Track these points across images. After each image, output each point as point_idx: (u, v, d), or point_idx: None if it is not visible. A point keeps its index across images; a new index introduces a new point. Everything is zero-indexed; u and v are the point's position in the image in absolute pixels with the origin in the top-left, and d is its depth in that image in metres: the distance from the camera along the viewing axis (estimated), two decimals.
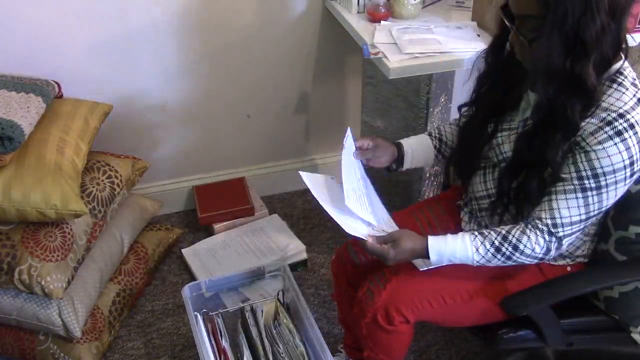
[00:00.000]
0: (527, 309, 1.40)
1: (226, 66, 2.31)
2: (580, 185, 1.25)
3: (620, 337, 1.48)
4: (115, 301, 2.00)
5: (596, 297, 1.50)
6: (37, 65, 2.08)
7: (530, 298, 1.40)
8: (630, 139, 1.20)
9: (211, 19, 2.20)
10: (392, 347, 1.49)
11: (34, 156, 1.77)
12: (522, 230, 1.31)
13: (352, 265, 1.65)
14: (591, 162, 1.22)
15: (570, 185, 1.25)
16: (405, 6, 2.01)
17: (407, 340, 1.52)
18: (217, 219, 2.40)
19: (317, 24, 2.32)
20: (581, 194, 1.25)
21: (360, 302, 1.49)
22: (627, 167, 1.22)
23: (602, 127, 1.20)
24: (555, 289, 1.40)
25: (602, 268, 1.48)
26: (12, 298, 1.80)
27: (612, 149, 1.20)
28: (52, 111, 1.93)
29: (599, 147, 1.21)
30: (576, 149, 1.24)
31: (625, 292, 1.43)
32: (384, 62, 1.79)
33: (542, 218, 1.29)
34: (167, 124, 2.39)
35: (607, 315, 1.48)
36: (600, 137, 1.20)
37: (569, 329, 1.48)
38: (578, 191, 1.25)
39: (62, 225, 1.81)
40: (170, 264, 2.33)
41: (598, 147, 1.21)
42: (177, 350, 2.01)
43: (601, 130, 1.20)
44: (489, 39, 1.89)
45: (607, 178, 1.22)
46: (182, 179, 2.55)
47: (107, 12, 2.08)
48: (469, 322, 1.52)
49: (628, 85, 1.23)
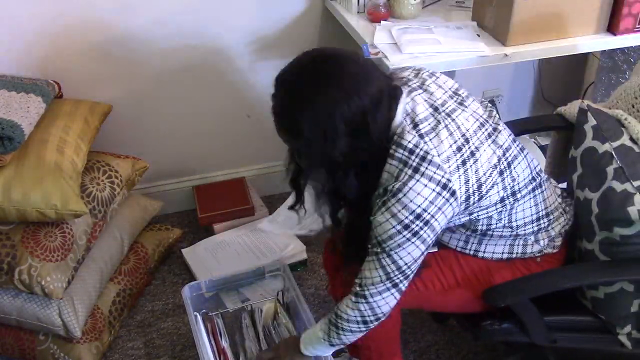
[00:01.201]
0: (506, 301, 1.42)
1: (226, 66, 2.31)
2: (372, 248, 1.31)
3: (607, 338, 1.48)
4: (115, 301, 2.00)
5: (584, 297, 1.50)
6: (37, 65, 2.08)
7: (509, 290, 1.43)
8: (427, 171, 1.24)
9: (211, 19, 2.20)
10: (376, 333, 1.50)
11: (34, 156, 1.77)
12: (344, 298, 1.38)
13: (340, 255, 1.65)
14: (380, 226, 1.27)
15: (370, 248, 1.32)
16: (405, 6, 2.01)
17: (392, 327, 1.52)
18: (217, 219, 2.40)
19: (317, 24, 2.32)
20: (373, 256, 1.30)
21: (341, 289, 1.52)
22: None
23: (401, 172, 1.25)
24: (534, 283, 1.43)
25: (582, 266, 1.50)
26: (12, 298, 1.80)
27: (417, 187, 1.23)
28: (52, 111, 1.93)
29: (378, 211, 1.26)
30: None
31: (611, 292, 1.43)
32: (384, 62, 1.79)
33: (354, 283, 1.36)
34: (167, 124, 2.39)
35: (594, 316, 1.49)
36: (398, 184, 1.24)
37: (553, 325, 1.49)
38: (372, 254, 1.31)
39: (62, 225, 1.81)
40: (170, 264, 2.33)
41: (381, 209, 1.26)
42: (177, 350, 2.01)
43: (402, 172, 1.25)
44: (489, 39, 1.91)
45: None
46: (182, 179, 2.55)
47: (107, 12, 2.08)
48: (449, 309, 1.57)
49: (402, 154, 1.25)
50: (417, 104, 1.28)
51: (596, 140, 1.46)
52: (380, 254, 1.28)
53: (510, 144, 1.37)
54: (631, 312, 1.44)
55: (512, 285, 1.44)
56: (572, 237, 1.53)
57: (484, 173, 1.29)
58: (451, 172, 1.24)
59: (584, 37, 1.93)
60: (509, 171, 1.34)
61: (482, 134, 1.32)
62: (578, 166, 1.51)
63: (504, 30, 1.85)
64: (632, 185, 1.35)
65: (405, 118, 1.27)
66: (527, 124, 2.02)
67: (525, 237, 1.44)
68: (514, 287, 1.43)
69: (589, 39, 1.94)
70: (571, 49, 1.93)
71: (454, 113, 1.31)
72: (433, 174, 1.22)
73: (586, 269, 1.48)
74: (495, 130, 1.35)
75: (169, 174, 2.52)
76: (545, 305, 1.45)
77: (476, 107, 1.36)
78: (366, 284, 1.32)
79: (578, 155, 1.51)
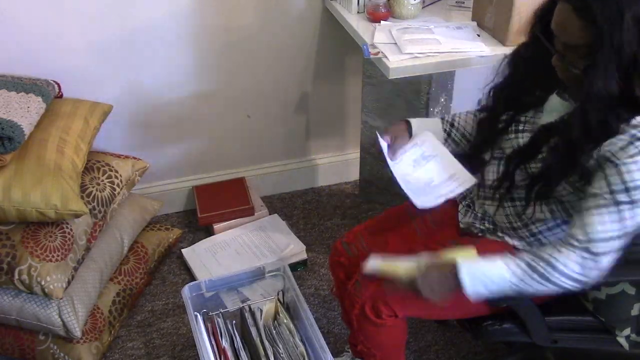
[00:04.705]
0: (508, 301, 1.41)
1: (226, 66, 2.32)
2: (612, 200, 1.22)
3: (606, 340, 1.48)
4: (115, 301, 2.00)
5: (586, 298, 1.51)
6: (37, 65, 2.08)
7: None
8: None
9: (211, 20, 2.20)
10: (383, 342, 1.49)
11: (34, 156, 1.77)
12: (556, 247, 1.28)
13: (346, 258, 1.65)
14: (622, 176, 1.21)
15: (602, 200, 1.23)
16: (405, 6, 2.01)
17: (399, 336, 1.52)
18: (217, 219, 2.40)
19: (317, 24, 2.32)
20: (615, 208, 1.22)
21: (349, 294, 1.50)
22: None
23: (632, 142, 1.20)
24: None
25: None
26: (12, 298, 1.80)
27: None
28: (52, 111, 1.93)
29: (630, 160, 1.20)
30: (606, 164, 1.23)
31: (612, 294, 1.43)
32: (384, 62, 1.79)
33: (575, 235, 1.26)
34: (167, 124, 2.39)
35: (594, 317, 1.49)
36: (631, 151, 1.20)
37: (554, 326, 1.49)
38: (611, 205, 1.22)
39: (62, 225, 1.81)
40: (170, 264, 2.33)
41: (629, 160, 1.20)
42: (177, 350, 2.01)
43: (631, 145, 1.20)
44: (489, 39, 1.91)
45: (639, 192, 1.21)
46: (182, 179, 2.55)
47: (107, 12, 2.08)
48: (455, 316, 1.55)
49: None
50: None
51: None
52: (622, 204, 1.21)
53: None
54: (631, 315, 1.44)
55: None
56: None
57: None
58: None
59: None
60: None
61: None
62: None
63: (504, 30, 1.85)
64: None
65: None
66: None
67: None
68: None
69: None
70: None
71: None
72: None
73: None
74: None
75: (169, 174, 2.52)
76: (546, 305, 1.45)
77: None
78: (599, 240, 1.23)
79: None
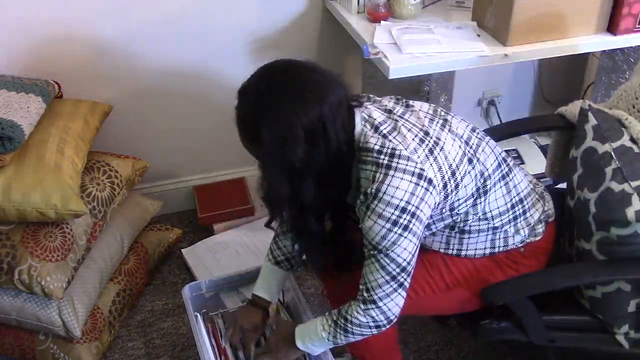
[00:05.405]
0: (504, 299, 1.42)
1: (226, 66, 2.31)
2: (372, 247, 1.29)
3: (605, 338, 1.48)
4: (115, 301, 2.00)
5: (582, 296, 1.50)
6: (37, 65, 2.08)
7: (508, 289, 1.44)
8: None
9: (211, 19, 2.20)
10: (371, 345, 1.49)
11: (34, 156, 1.77)
12: (351, 302, 1.37)
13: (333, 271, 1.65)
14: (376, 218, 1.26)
15: (366, 249, 1.31)
16: (405, 6, 2.01)
17: (386, 337, 1.51)
18: (217, 219, 2.40)
19: (317, 24, 2.32)
20: (375, 255, 1.29)
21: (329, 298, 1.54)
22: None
23: (375, 171, 1.25)
24: (532, 282, 1.44)
25: (579, 265, 1.50)
26: (12, 298, 1.80)
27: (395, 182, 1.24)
28: (52, 111, 1.93)
29: (379, 196, 1.25)
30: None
31: (608, 292, 1.43)
32: (384, 62, 1.79)
33: (359, 288, 1.34)
34: (167, 123, 2.39)
35: (592, 315, 1.49)
36: (378, 179, 1.25)
37: (552, 325, 1.49)
38: (372, 254, 1.30)
39: (62, 225, 1.81)
40: (170, 264, 2.33)
41: (377, 198, 1.25)
42: (177, 350, 2.01)
43: (377, 173, 1.25)
44: (489, 39, 1.91)
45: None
46: (182, 179, 2.55)
47: (107, 12, 2.08)
48: (447, 312, 1.57)
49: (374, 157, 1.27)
50: (371, 110, 1.33)
51: (596, 140, 1.46)
52: (378, 255, 1.29)
53: (469, 134, 1.39)
54: (628, 312, 1.44)
55: (510, 284, 1.44)
56: (565, 232, 1.53)
57: (453, 159, 1.31)
58: (422, 161, 1.26)
59: (584, 37, 1.93)
60: (477, 158, 1.36)
61: (436, 126, 1.35)
62: (578, 166, 1.51)
63: (504, 30, 1.85)
64: (630, 185, 1.35)
65: (364, 124, 1.31)
66: (527, 124, 2.02)
67: (505, 229, 1.44)
68: (512, 286, 1.44)
69: (589, 39, 1.94)
70: (571, 49, 1.93)
71: (405, 114, 1.35)
72: (406, 167, 1.24)
73: (584, 268, 1.48)
74: (446, 121, 1.38)
75: (169, 174, 2.52)
76: (544, 304, 1.45)
77: (420, 106, 1.40)
78: (372, 288, 1.31)
79: (578, 155, 1.51)
